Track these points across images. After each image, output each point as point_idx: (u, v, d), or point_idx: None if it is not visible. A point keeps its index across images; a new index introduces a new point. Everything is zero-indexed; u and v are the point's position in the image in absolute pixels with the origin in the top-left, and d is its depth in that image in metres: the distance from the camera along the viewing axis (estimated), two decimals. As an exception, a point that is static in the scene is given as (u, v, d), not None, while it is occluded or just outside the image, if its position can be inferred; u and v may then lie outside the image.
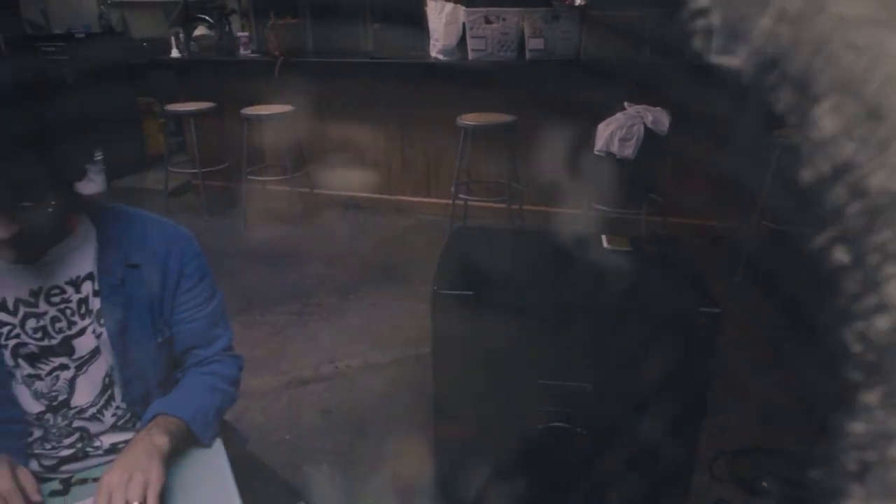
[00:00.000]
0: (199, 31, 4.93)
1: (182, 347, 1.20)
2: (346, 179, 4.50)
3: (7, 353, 1.05)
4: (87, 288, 1.09)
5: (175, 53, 4.65)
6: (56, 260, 1.06)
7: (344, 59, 4.21)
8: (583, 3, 3.94)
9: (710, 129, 2.89)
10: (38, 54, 4.72)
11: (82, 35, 5.16)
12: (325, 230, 4.18)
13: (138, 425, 1.15)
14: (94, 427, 1.13)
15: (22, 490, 0.94)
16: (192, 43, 4.81)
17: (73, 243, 1.07)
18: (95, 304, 1.09)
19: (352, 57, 4.25)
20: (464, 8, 3.77)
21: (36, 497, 0.95)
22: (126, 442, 1.12)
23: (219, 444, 1.10)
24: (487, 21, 3.73)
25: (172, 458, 1.02)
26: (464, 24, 3.78)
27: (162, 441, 1.01)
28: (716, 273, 3.11)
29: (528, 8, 3.68)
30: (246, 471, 1.09)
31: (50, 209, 0.94)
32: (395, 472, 2.05)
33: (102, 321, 1.09)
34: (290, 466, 1.97)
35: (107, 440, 1.15)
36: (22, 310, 1.05)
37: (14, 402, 1.07)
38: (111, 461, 1.07)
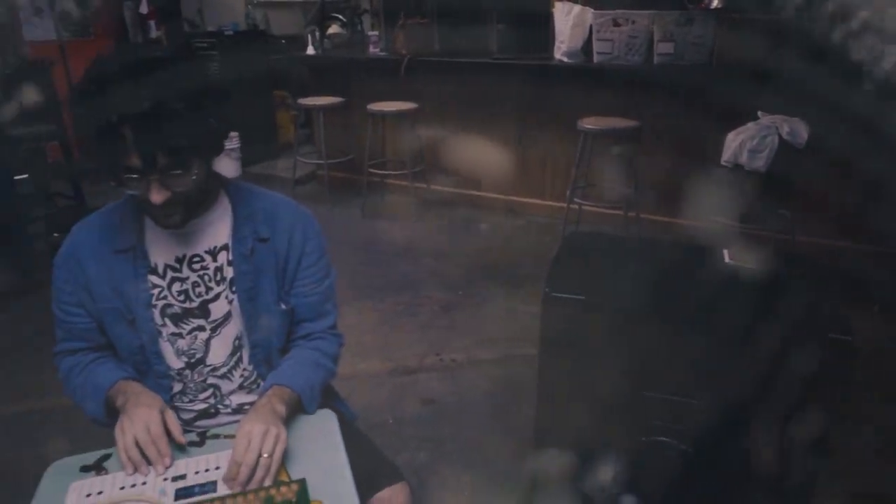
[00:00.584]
0: (333, 29, 5.20)
1: (295, 319, 1.28)
2: (462, 177, 4.58)
3: (157, 313, 1.18)
4: (222, 258, 1.20)
5: (310, 50, 4.93)
6: (198, 231, 1.18)
7: (467, 59, 4.28)
8: (719, 5, 3.76)
9: (854, 142, 2.68)
10: (194, 49, 5.16)
11: (230, 32, 5.60)
12: (438, 226, 4.28)
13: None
14: (224, 386, 1.25)
15: (169, 434, 1.05)
16: (325, 41, 5.08)
17: (212, 216, 1.19)
18: (229, 272, 1.20)
19: (475, 57, 4.31)
20: (592, 10, 3.72)
21: (181, 440, 1.06)
22: (250, 404, 1.22)
23: (332, 416, 1.18)
24: (616, 24, 3.66)
25: (289, 424, 1.11)
26: (591, 26, 3.73)
27: (281, 409, 1.10)
28: (850, 300, 2.87)
29: (659, 11, 3.56)
30: (353, 444, 1.15)
31: (194, 177, 1.06)
32: (492, 468, 2.07)
33: (234, 288, 1.20)
34: (391, 449, 2.05)
35: (235, 400, 1.26)
36: (169, 274, 1.18)
37: (161, 358, 1.20)
38: (237, 420, 1.18)
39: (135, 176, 1.01)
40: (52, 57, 4.91)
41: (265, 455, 0.98)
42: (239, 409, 1.26)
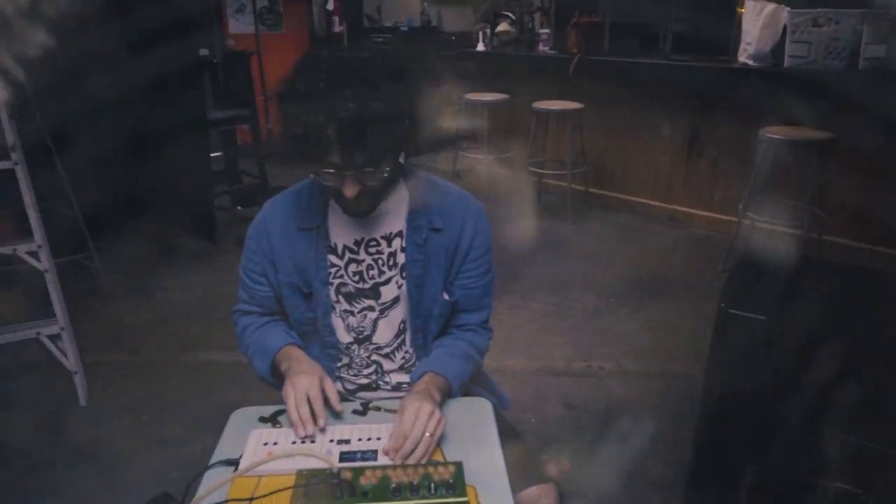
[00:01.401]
0: (502, 27, 5.25)
1: (454, 309, 1.30)
2: (623, 182, 4.42)
3: (332, 290, 1.25)
4: (396, 244, 1.24)
5: (480, 47, 5.02)
6: (377, 216, 1.22)
7: (640, 59, 4.12)
8: (950, 4, 3.27)
9: None
10: (372, 43, 5.48)
11: (405, 28, 5.85)
12: (594, 230, 4.17)
13: None
14: (386, 364, 1.30)
15: (326, 399, 1.11)
16: (494, 38, 5.14)
17: (391, 204, 1.23)
18: (401, 258, 1.24)
19: (649, 57, 4.15)
20: (788, 9, 3.40)
21: (338, 407, 1.11)
22: (408, 384, 1.26)
23: (488, 405, 1.18)
24: (816, 24, 3.32)
25: (445, 408, 1.13)
26: (785, 26, 3.41)
27: (437, 396, 1.13)
28: None
29: (874, 9, 3.17)
30: (505, 437, 1.14)
31: (385, 174, 1.10)
32: (633, 484, 1.98)
33: (404, 274, 1.24)
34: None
35: (394, 378, 1.31)
36: (347, 255, 1.24)
37: (332, 331, 1.27)
38: (396, 397, 1.22)
39: (331, 171, 1.07)
40: (250, 49, 5.44)
41: (427, 434, 1.00)
42: (398, 387, 1.30)
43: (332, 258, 1.24)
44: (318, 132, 1.02)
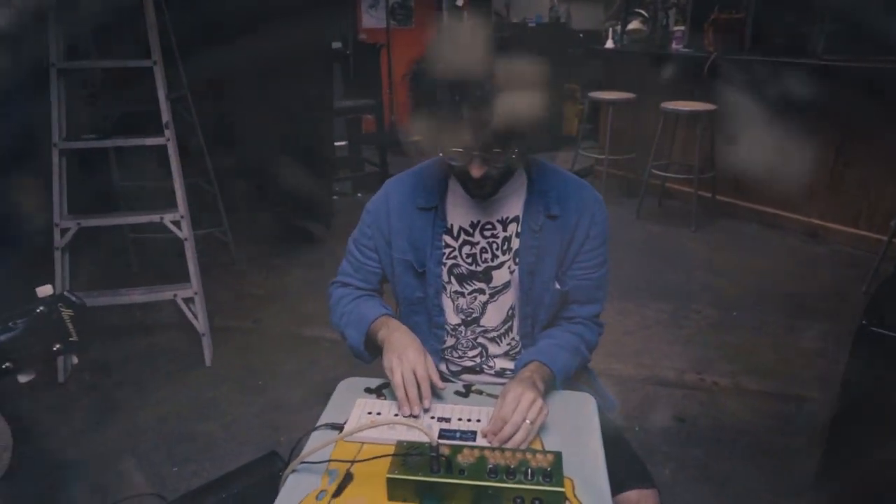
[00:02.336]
0: (633, 25, 5.06)
1: (564, 300, 1.26)
2: (755, 190, 4.13)
3: (444, 270, 1.26)
4: (511, 229, 1.23)
5: (609, 44, 4.88)
6: (495, 200, 1.22)
7: (785, 59, 3.82)
8: None
9: None
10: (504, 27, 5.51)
11: (533, 25, 5.81)
12: (719, 239, 3.94)
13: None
14: (492, 348, 1.29)
15: (430, 378, 1.11)
16: (624, 36, 4.98)
17: (510, 188, 1.22)
18: (515, 244, 1.22)
19: (795, 57, 3.84)
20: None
21: (440, 385, 1.11)
22: (511, 370, 1.24)
23: (592, 401, 1.15)
24: None
25: (548, 399, 1.10)
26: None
27: (541, 386, 1.10)
28: None
29: None
30: (608, 435, 1.10)
31: (513, 156, 1.09)
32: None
33: (517, 260, 1.22)
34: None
35: (498, 363, 1.30)
36: (462, 237, 1.24)
37: (441, 311, 1.28)
38: (498, 383, 1.21)
39: (460, 149, 1.07)
40: (381, 42, 5.63)
41: (528, 421, 0.99)
42: (501, 373, 1.30)
43: (447, 239, 1.25)
44: (452, 110, 1.03)
